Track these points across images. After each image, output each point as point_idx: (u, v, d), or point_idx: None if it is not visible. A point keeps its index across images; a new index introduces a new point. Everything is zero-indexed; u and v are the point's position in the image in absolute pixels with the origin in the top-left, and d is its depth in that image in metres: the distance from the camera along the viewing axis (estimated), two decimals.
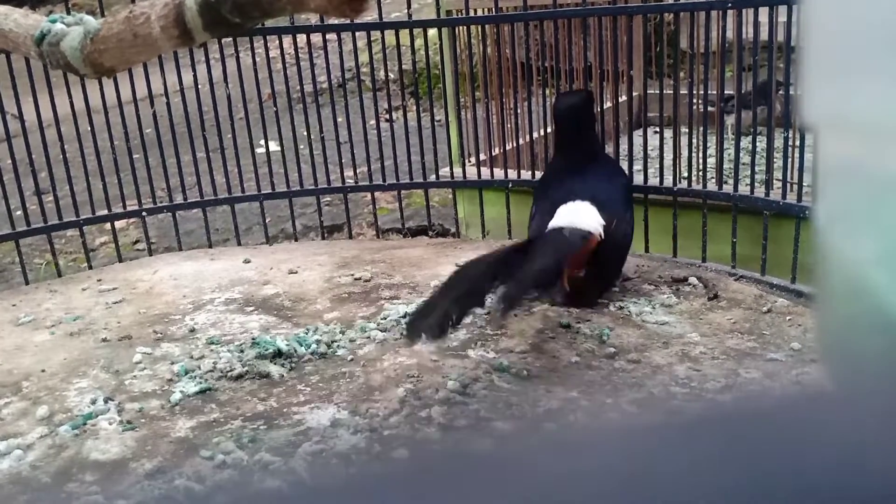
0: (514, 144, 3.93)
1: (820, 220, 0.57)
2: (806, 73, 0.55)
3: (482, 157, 3.72)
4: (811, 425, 0.27)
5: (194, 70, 3.14)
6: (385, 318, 2.42)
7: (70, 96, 2.90)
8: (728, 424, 0.28)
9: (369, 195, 3.50)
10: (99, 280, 2.88)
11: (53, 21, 1.89)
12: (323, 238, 3.52)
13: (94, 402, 2.09)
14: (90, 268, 3.09)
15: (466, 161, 3.50)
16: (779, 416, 0.28)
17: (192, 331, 2.43)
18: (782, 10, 2.61)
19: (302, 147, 3.61)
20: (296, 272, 2.83)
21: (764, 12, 2.62)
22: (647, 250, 2.90)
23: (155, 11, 1.75)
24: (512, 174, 3.46)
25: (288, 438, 1.88)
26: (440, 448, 1.72)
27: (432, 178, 3.53)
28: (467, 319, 2.27)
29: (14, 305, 2.72)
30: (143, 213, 3.06)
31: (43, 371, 2.28)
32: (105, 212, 3.11)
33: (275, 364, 2.20)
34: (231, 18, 1.68)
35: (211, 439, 1.89)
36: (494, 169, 3.67)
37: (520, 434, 1.80)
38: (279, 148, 3.38)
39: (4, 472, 1.82)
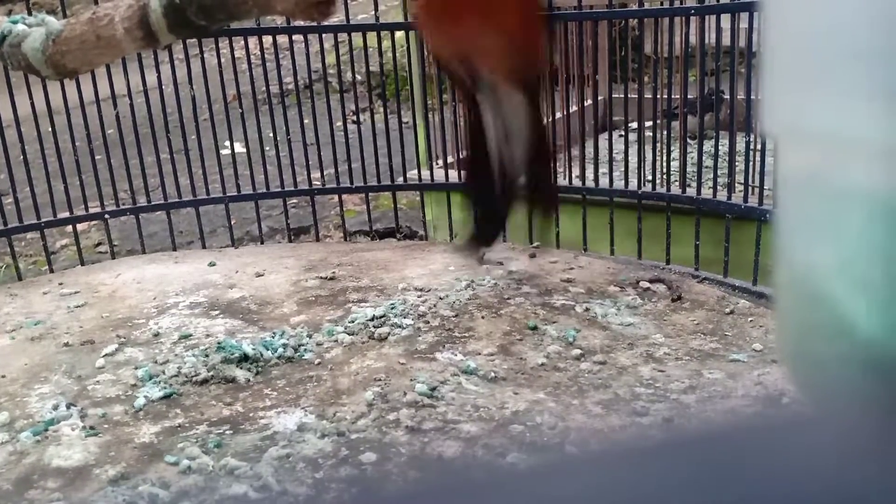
0: None
1: (779, 229, 0.58)
2: (765, 82, 0.56)
3: (450, 159, 3.73)
4: (780, 447, 0.27)
5: (158, 70, 3.10)
6: (353, 322, 2.41)
7: (31, 96, 2.85)
8: (696, 449, 0.29)
9: (336, 197, 3.48)
10: (60, 283, 2.83)
11: (14, 22, 1.86)
12: (290, 241, 3.50)
13: (55, 407, 2.05)
14: (51, 271, 3.04)
15: (434, 164, 3.51)
16: (747, 439, 0.29)
17: (157, 335, 2.41)
18: (744, 16, 2.65)
19: (268, 148, 3.58)
20: (262, 275, 2.81)
21: (726, 18, 2.67)
22: (612, 253, 2.93)
23: (119, 13, 1.72)
24: None
25: (254, 443, 1.87)
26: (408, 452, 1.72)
27: (400, 180, 3.53)
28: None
29: None
30: (106, 216, 3.02)
31: (3, 377, 2.23)
32: (67, 214, 3.06)
33: (241, 368, 2.19)
34: (196, 21, 1.66)
35: (176, 444, 1.87)
36: (462, 172, 3.68)
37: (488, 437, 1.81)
38: (244, 149, 3.35)
39: None
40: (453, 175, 3.57)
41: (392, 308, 2.47)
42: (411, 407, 1.97)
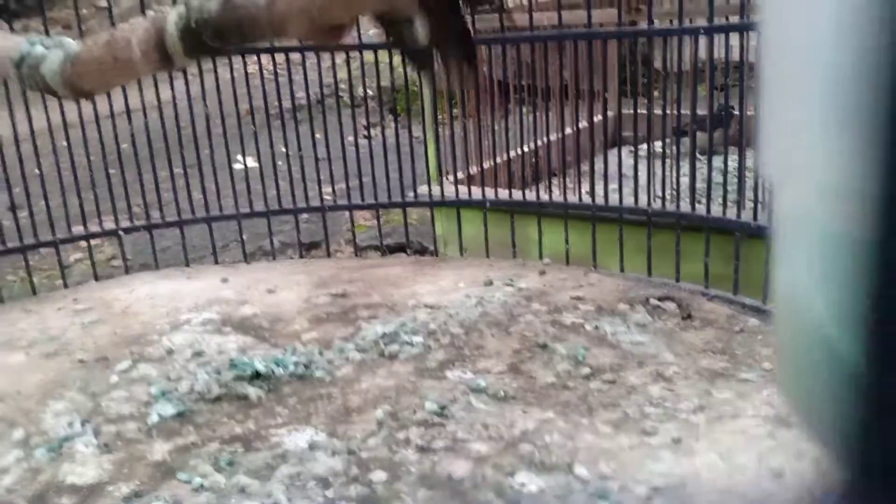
0: (492, 163, 3.96)
1: (778, 266, 0.60)
2: (762, 127, 0.58)
3: (460, 175, 3.75)
4: None
5: (172, 86, 3.14)
6: (363, 339, 2.43)
7: (46, 111, 2.89)
8: None
9: (348, 213, 3.50)
10: (74, 299, 2.87)
11: (33, 44, 1.89)
12: (301, 256, 3.52)
13: (70, 424, 2.08)
14: (66, 286, 3.07)
15: (445, 179, 3.53)
16: None
17: (170, 352, 2.43)
18: (753, 34, 2.66)
19: (280, 163, 3.61)
20: (273, 292, 2.83)
21: (735, 35, 2.68)
22: (622, 270, 2.94)
23: (136, 35, 1.75)
24: (490, 193, 3.49)
25: (266, 461, 1.88)
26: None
27: (410, 195, 3.55)
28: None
29: None
30: (120, 232, 3.05)
31: (18, 392, 2.26)
32: (81, 230, 3.09)
33: (253, 386, 2.21)
34: (212, 44, 1.69)
35: (188, 462, 1.89)
36: (472, 187, 3.70)
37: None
38: (257, 164, 3.38)
39: None
40: (463, 191, 3.59)
41: (402, 325, 2.48)
42: (421, 425, 1.98)
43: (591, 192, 3.23)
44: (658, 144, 3.76)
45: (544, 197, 3.31)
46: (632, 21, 3.49)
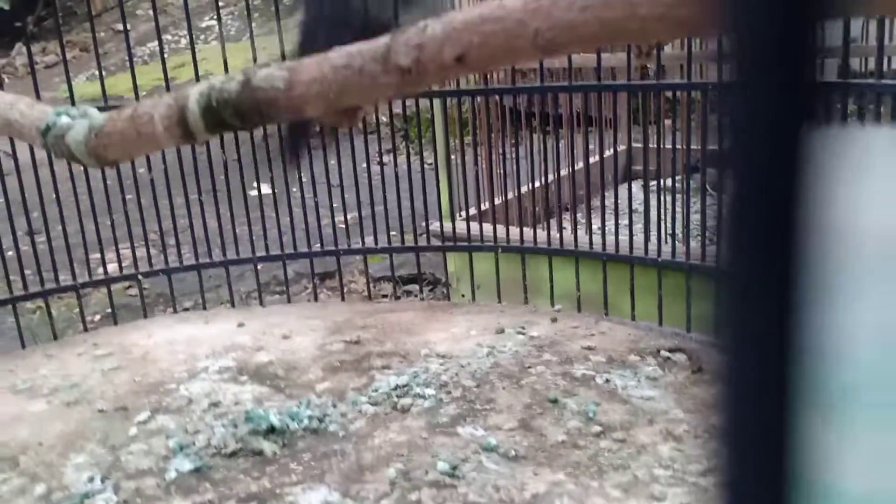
0: (504, 198, 4.00)
1: None
2: None
3: (472, 211, 3.79)
4: None
5: None
6: (376, 391, 2.47)
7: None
8: None
9: (359, 239, 3.53)
10: (94, 344, 2.92)
11: (59, 114, 1.94)
12: (316, 297, 3.57)
13: (90, 479, 2.13)
14: (85, 330, 3.13)
15: (457, 215, 3.57)
16: None
17: (188, 402, 2.48)
18: None
19: (294, 189, 3.66)
20: (289, 337, 2.88)
21: None
22: (633, 318, 2.96)
23: (158, 112, 1.80)
24: (501, 231, 3.52)
25: None
26: None
27: (422, 234, 3.60)
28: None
29: (11, 371, 2.76)
30: (140, 277, 3.11)
31: (40, 444, 2.31)
32: (102, 274, 3.16)
33: (268, 441, 2.25)
34: (232, 122, 1.74)
35: None
36: (484, 224, 3.74)
37: None
38: (271, 191, 3.42)
39: None
40: (475, 228, 3.63)
41: (415, 377, 2.52)
42: (433, 486, 2.02)
43: (602, 231, 3.26)
44: (670, 181, 3.78)
45: (555, 235, 3.35)
46: (642, 66, 3.52)
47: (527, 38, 0.94)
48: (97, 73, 3.30)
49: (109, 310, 3.25)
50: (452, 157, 3.54)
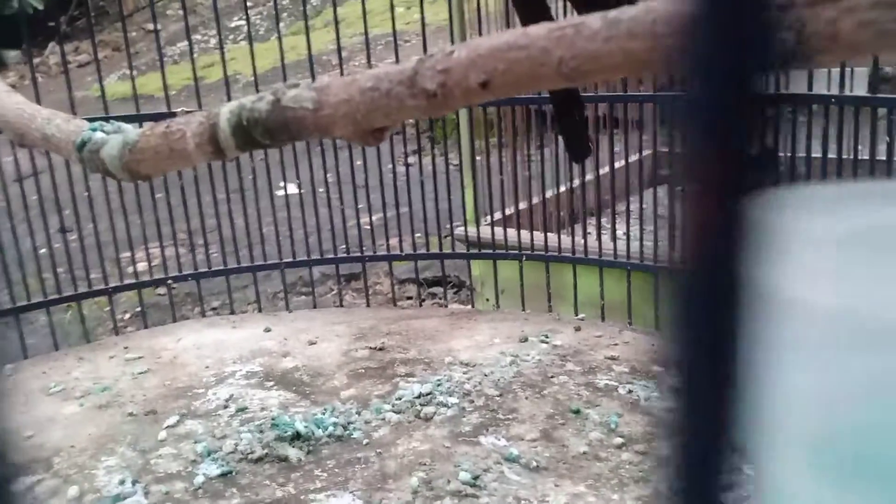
0: (528, 203, 4.01)
1: None
2: None
3: (496, 215, 3.80)
4: None
5: None
6: (400, 399, 2.50)
7: None
8: None
9: (384, 241, 3.57)
10: (125, 347, 2.99)
11: (94, 129, 2.00)
12: (340, 292, 3.61)
13: (122, 482, 2.18)
14: (116, 334, 3.20)
15: (482, 220, 3.59)
16: None
17: (215, 407, 2.53)
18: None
19: (321, 190, 3.69)
20: (314, 343, 2.92)
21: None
22: (657, 326, 2.97)
23: (190, 129, 1.84)
24: (525, 236, 3.53)
25: None
26: None
27: (447, 239, 3.62)
28: None
29: (44, 373, 2.83)
30: (170, 282, 3.17)
31: (72, 447, 2.37)
32: (132, 275, 3.22)
33: (293, 447, 2.29)
34: (262, 140, 1.78)
35: None
36: (509, 230, 3.75)
37: None
38: (298, 191, 3.46)
39: None
40: (499, 233, 3.65)
41: (438, 385, 2.55)
42: (455, 496, 2.04)
43: (627, 238, 3.26)
44: None
45: (580, 241, 3.36)
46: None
47: (551, 66, 0.95)
48: (128, 72, 3.36)
49: (139, 308, 3.32)
50: (478, 158, 3.56)
